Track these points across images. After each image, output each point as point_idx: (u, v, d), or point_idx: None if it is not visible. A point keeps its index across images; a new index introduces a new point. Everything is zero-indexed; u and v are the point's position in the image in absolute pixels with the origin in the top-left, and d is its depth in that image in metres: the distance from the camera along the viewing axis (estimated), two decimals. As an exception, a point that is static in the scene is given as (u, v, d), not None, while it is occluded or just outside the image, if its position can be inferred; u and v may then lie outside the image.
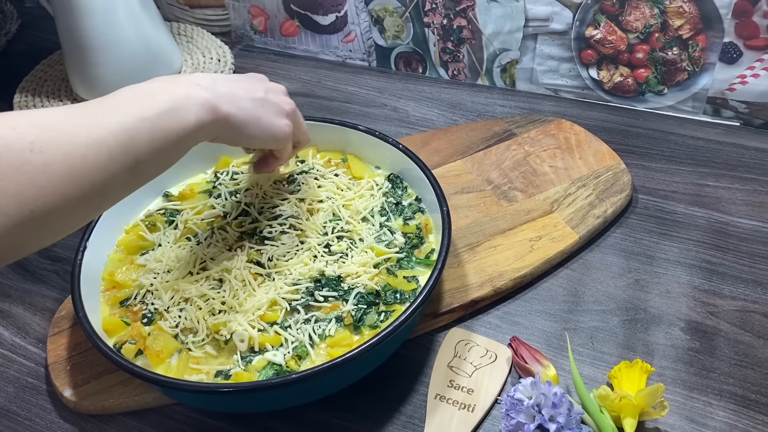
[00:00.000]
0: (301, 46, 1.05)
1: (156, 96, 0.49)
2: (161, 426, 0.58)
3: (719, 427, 0.54)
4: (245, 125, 0.55)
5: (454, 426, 0.55)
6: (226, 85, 0.55)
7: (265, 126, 0.58)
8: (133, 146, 0.46)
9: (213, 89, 0.52)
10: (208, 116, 0.51)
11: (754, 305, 0.63)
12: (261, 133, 0.58)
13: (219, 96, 0.52)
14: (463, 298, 0.63)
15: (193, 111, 0.50)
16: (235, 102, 0.54)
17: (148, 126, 0.47)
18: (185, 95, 0.50)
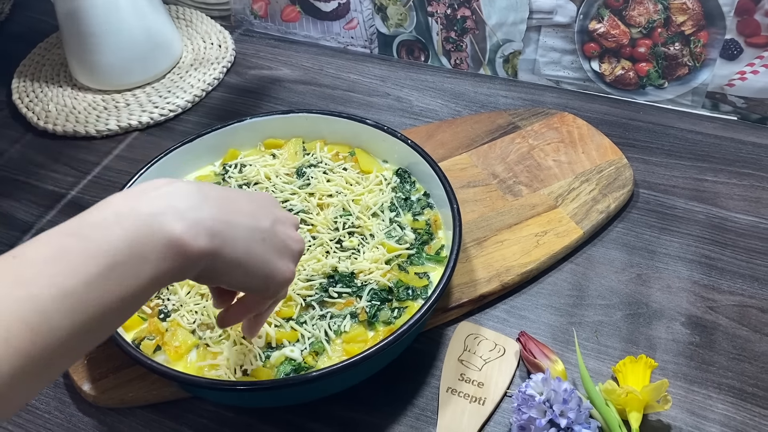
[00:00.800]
0: (302, 32, 1.04)
1: (89, 246, 0.35)
2: (180, 419, 0.59)
3: (718, 420, 0.57)
4: (231, 264, 0.41)
5: (466, 419, 0.57)
6: (218, 204, 0.40)
7: (259, 266, 0.43)
8: (45, 336, 0.32)
9: (192, 212, 0.38)
10: (173, 262, 0.37)
11: (751, 300, 0.65)
12: (251, 275, 0.43)
13: (198, 224, 0.38)
14: (472, 293, 0.65)
15: (151, 261, 0.36)
16: (224, 230, 0.40)
17: (70, 304, 0.33)
18: (141, 234, 0.36)
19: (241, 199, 0.44)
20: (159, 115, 0.90)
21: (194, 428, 0.59)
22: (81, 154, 0.87)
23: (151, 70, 0.94)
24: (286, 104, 0.92)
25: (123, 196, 0.38)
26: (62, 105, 0.92)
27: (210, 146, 0.74)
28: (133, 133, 0.89)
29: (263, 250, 0.43)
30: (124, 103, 0.92)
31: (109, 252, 0.35)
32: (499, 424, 0.57)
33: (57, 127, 0.88)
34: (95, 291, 0.34)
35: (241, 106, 0.93)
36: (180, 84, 0.94)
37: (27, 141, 0.89)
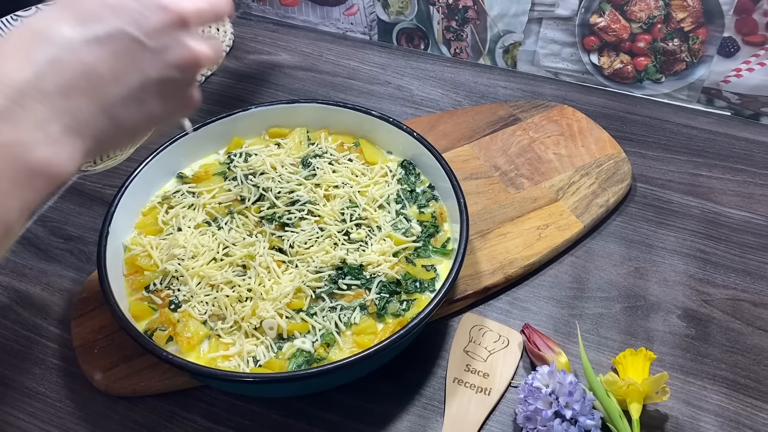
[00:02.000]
0: (301, 17, 1.04)
1: None
2: (191, 408, 0.60)
3: (713, 410, 0.59)
4: (108, 147, 0.36)
5: (473, 408, 0.59)
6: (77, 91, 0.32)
7: (147, 126, 0.37)
8: None
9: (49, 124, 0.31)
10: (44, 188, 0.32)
11: (744, 294, 0.68)
12: (136, 137, 0.37)
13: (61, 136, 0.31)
14: (477, 285, 0.67)
15: (16, 197, 0.31)
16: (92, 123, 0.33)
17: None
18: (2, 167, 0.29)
19: (99, 60, 0.33)
20: (158, 100, 0.89)
21: (205, 417, 0.60)
22: (80, 139, 0.86)
23: (150, 54, 0.93)
24: (286, 91, 0.92)
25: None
26: (59, 88, 0.91)
27: (214, 135, 0.74)
28: (133, 118, 0.89)
29: (144, 111, 0.36)
30: (123, 86, 0.91)
31: None
32: (504, 414, 0.59)
33: (54, 111, 0.87)
34: None
35: (242, 92, 0.92)
36: (179, 68, 0.94)
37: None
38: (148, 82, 0.35)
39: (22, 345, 0.65)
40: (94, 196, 0.79)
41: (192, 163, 0.74)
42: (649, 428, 0.58)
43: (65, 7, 0.34)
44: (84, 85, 0.33)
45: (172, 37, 0.35)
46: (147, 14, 0.34)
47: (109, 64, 0.34)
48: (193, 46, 0.36)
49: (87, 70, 0.33)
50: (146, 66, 0.35)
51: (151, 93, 0.36)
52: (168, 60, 0.35)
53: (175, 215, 0.68)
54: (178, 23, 0.35)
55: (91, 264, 0.71)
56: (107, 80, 0.34)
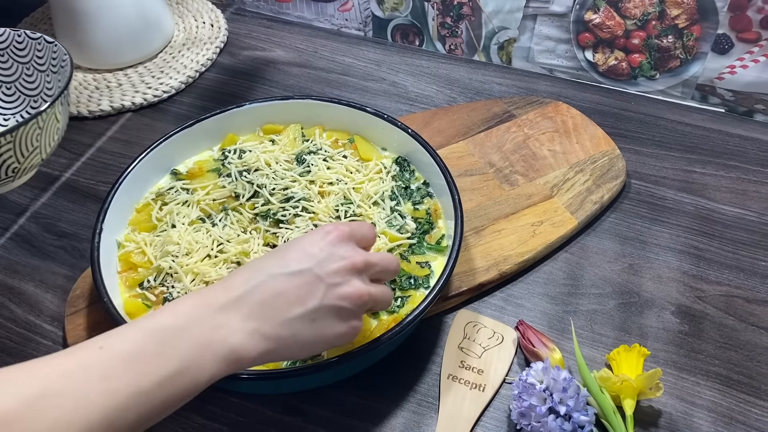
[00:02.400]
0: (295, 12, 1.03)
1: (163, 351, 0.41)
2: (185, 405, 0.60)
3: (706, 406, 0.60)
4: (279, 356, 0.47)
5: (467, 405, 0.59)
6: (269, 306, 0.45)
7: (309, 347, 0.48)
8: (123, 421, 0.39)
9: (247, 322, 0.44)
10: (228, 367, 0.44)
11: (737, 290, 0.68)
12: (301, 356, 0.49)
13: (253, 334, 0.44)
14: (471, 281, 0.67)
15: (209, 368, 0.42)
16: (274, 332, 0.45)
17: (141, 401, 0.39)
18: (203, 345, 0.42)
19: (291, 287, 0.47)
20: (152, 96, 0.89)
21: (200, 414, 0.60)
22: (73, 135, 0.86)
23: (143, 50, 0.93)
24: (281, 87, 0.92)
25: (191, 304, 0.44)
26: (52, 83, 0.90)
27: (209, 131, 0.74)
28: (126, 114, 0.88)
29: (315, 329, 0.47)
30: (116, 83, 0.91)
31: (178, 358, 0.41)
32: (499, 410, 0.59)
33: (48, 107, 0.87)
34: (161, 391, 0.40)
35: (236, 88, 0.92)
36: (173, 64, 0.93)
37: (16, 120, 0.88)
38: (321, 306, 0.47)
39: (16, 342, 0.65)
40: (87, 192, 0.78)
41: (186, 160, 0.74)
42: (643, 424, 0.58)
43: (278, 253, 0.49)
44: (275, 302, 0.46)
45: (345, 278, 0.48)
46: (330, 260, 0.48)
47: (295, 291, 0.46)
48: (359, 285, 0.49)
49: (280, 293, 0.46)
50: (321, 295, 0.47)
51: (323, 315, 0.47)
52: (338, 293, 0.48)
53: (169, 212, 0.68)
54: (351, 269, 0.48)
55: (84, 261, 0.71)
56: (292, 301, 0.46)
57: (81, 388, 0.38)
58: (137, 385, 0.39)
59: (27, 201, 0.78)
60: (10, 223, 0.75)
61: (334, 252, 0.48)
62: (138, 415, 0.39)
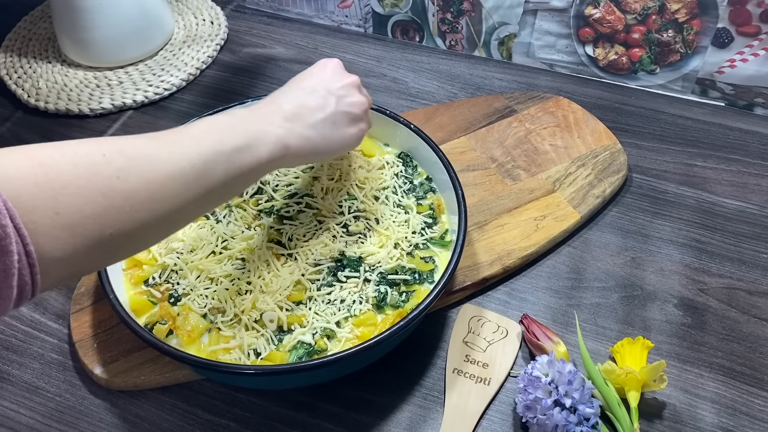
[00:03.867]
0: (295, 9, 1.03)
1: (233, 130, 0.51)
2: (192, 400, 0.61)
3: (710, 397, 0.60)
4: (315, 151, 0.58)
5: (473, 398, 0.59)
6: (296, 113, 0.56)
7: (335, 143, 0.59)
8: (207, 178, 0.48)
9: (284, 122, 0.55)
10: (279, 152, 0.54)
11: (739, 283, 0.68)
12: (331, 151, 0.60)
13: (290, 131, 0.55)
14: (475, 276, 0.67)
15: (266, 148, 0.52)
16: (306, 131, 0.56)
17: (223, 159, 0.49)
18: (259, 131, 0.53)
19: (309, 99, 0.58)
20: (153, 94, 0.89)
21: (206, 409, 0.60)
22: (74, 133, 0.86)
23: (144, 47, 0.93)
24: (281, 84, 0.90)
25: (244, 110, 0.55)
26: (53, 82, 0.90)
27: (211, 128, 0.74)
28: (128, 112, 0.89)
29: (336, 129, 0.59)
30: (117, 80, 0.91)
31: (246, 134, 0.51)
32: (504, 404, 0.60)
33: (49, 105, 0.87)
34: (237, 157, 0.50)
35: (237, 85, 0.92)
36: (173, 62, 0.93)
37: (17, 119, 0.88)
38: (337, 112, 0.59)
39: (21, 340, 0.65)
40: (90, 190, 0.78)
41: (189, 157, 0.74)
42: (648, 416, 0.59)
43: (293, 82, 0.62)
44: (302, 111, 0.57)
45: (349, 91, 0.61)
46: (334, 80, 0.61)
47: (315, 102, 0.58)
48: (360, 96, 0.62)
49: (303, 104, 0.58)
50: (335, 104, 0.59)
51: (339, 119, 0.59)
52: (347, 101, 0.60)
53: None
54: (351, 84, 0.62)
55: (88, 258, 0.71)
56: (314, 109, 0.58)
57: (176, 140, 0.47)
58: (219, 147, 0.48)
59: (30, 199, 0.77)
60: (13, 222, 0.75)
61: (335, 75, 0.61)
62: (223, 172, 0.49)
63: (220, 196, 0.50)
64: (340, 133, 0.60)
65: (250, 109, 0.56)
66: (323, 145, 0.58)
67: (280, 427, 0.59)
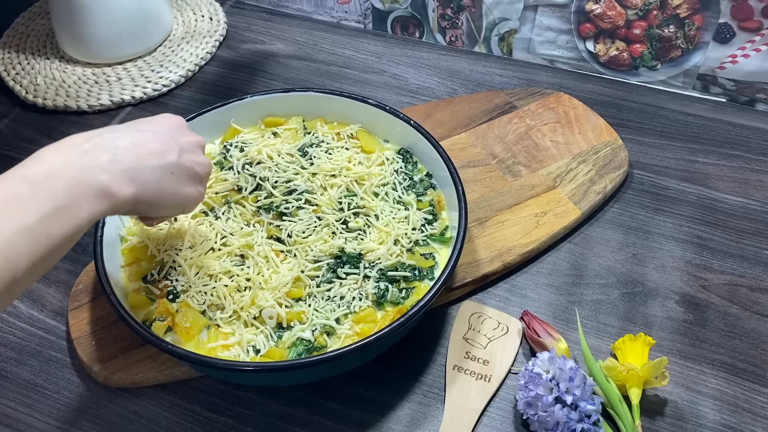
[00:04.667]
0: (295, 5, 1.03)
1: (38, 192, 0.42)
2: (191, 398, 0.60)
3: (712, 394, 0.60)
4: (150, 202, 0.50)
5: (473, 395, 0.59)
6: (131, 152, 0.48)
7: (169, 199, 0.52)
8: (10, 262, 0.40)
9: (113, 164, 0.46)
10: (102, 206, 0.46)
11: (740, 279, 0.68)
12: (163, 207, 0.52)
13: (119, 174, 0.47)
14: (475, 272, 0.67)
15: (86, 206, 0.44)
16: (139, 176, 0.48)
17: (28, 237, 0.41)
18: (76, 184, 0.44)
19: (149, 141, 0.51)
20: (152, 90, 0.88)
21: (205, 407, 0.60)
22: (73, 130, 0.84)
23: (143, 44, 0.92)
24: (281, 80, 0.92)
25: (55, 151, 0.46)
26: (51, 78, 0.90)
27: (210, 124, 0.74)
28: (126, 108, 0.88)
29: (174, 183, 0.52)
30: (116, 77, 0.90)
31: (54, 197, 0.43)
32: (505, 401, 0.59)
33: (47, 102, 0.87)
34: (46, 227, 0.42)
35: (236, 82, 0.92)
36: (172, 58, 0.93)
37: (15, 115, 0.87)
38: (179, 163, 0.52)
39: (19, 337, 0.64)
40: (88, 187, 0.78)
41: (188, 153, 0.74)
42: (649, 412, 0.58)
43: (129, 125, 0.53)
44: (138, 150, 0.49)
45: (193, 149, 0.55)
46: (180, 134, 0.55)
47: (154, 144, 0.51)
48: (205, 157, 0.57)
49: (142, 143, 0.50)
50: (177, 155, 0.52)
51: (179, 172, 0.52)
52: (191, 158, 0.54)
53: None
54: (197, 143, 0.56)
55: (86, 255, 0.71)
56: (152, 152, 0.50)
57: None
58: (20, 223, 0.41)
59: (28, 196, 0.77)
60: (11, 219, 0.75)
61: (180, 130, 0.55)
62: (30, 251, 0.41)
63: (28, 276, 0.42)
64: (178, 189, 0.52)
65: (66, 145, 0.46)
66: (156, 198, 0.50)
67: (279, 424, 0.58)
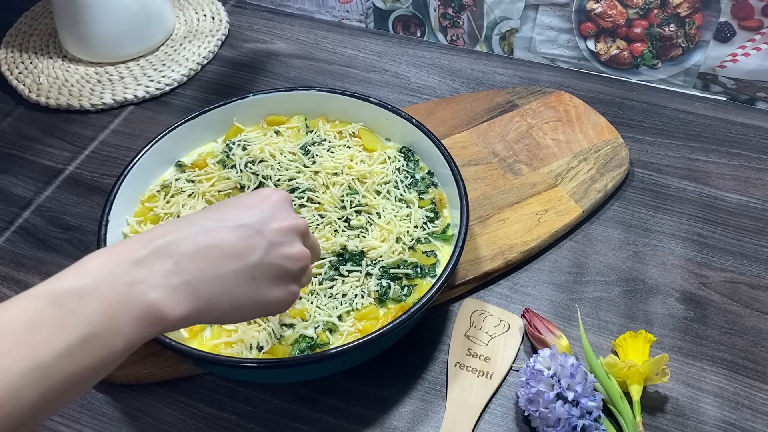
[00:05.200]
0: (296, 5, 1.03)
1: (65, 319, 0.34)
2: (194, 395, 0.61)
3: (712, 391, 0.60)
4: (218, 317, 0.42)
5: (475, 392, 0.59)
6: (199, 258, 0.39)
7: (245, 311, 0.43)
8: (12, 407, 0.32)
9: (170, 277, 0.38)
10: (149, 331, 0.37)
11: (741, 276, 0.68)
12: (241, 316, 0.44)
13: (177, 290, 0.38)
14: (477, 270, 0.67)
15: (125, 331, 0.36)
16: (204, 289, 0.39)
17: (39, 375, 0.33)
18: (116, 305, 0.36)
19: (228, 240, 0.41)
20: (155, 89, 0.89)
21: (208, 403, 0.60)
22: (76, 128, 0.86)
23: (145, 42, 0.93)
24: (283, 79, 0.92)
25: (103, 259, 0.38)
26: (54, 77, 0.90)
27: (213, 123, 0.74)
28: (129, 107, 0.88)
29: (252, 289, 0.42)
30: (118, 76, 0.91)
31: (83, 324, 0.35)
32: (506, 397, 0.60)
33: (50, 100, 0.87)
34: (66, 362, 0.34)
35: (238, 81, 0.92)
36: (174, 57, 0.93)
37: (19, 114, 0.88)
38: (262, 263, 0.42)
39: (23, 334, 0.65)
40: (91, 185, 0.78)
41: (190, 152, 0.74)
42: (650, 409, 0.59)
43: (213, 208, 0.44)
44: (209, 254, 0.40)
45: (287, 238, 0.44)
46: (273, 219, 0.44)
47: (234, 243, 0.41)
48: (302, 247, 0.46)
49: (215, 244, 0.41)
50: (263, 252, 0.43)
51: (263, 274, 0.43)
52: (281, 252, 0.44)
53: (174, 203, 0.68)
54: (294, 229, 0.45)
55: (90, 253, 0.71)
56: (228, 254, 0.41)
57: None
58: (34, 360, 0.32)
59: (31, 194, 0.78)
60: (14, 217, 0.75)
61: (276, 213, 0.45)
62: (39, 393, 0.33)
63: (39, 416, 0.33)
64: (258, 295, 0.43)
65: (117, 252, 0.38)
66: (225, 310, 0.41)
67: (282, 420, 0.59)
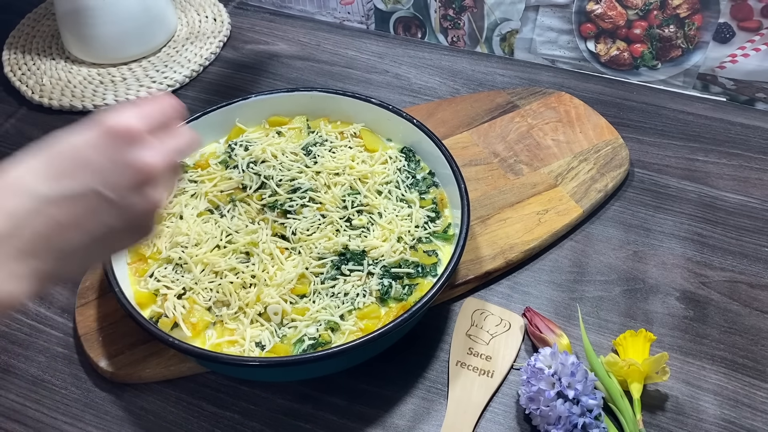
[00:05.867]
0: (298, 6, 1.04)
1: None
2: (197, 393, 0.61)
3: (712, 389, 0.60)
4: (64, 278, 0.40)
5: (476, 391, 0.60)
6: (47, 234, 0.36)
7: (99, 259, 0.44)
8: None
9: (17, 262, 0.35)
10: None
11: (741, 276, 0.68)
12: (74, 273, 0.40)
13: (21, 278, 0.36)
14: (478, 269, 0.67)
15: None
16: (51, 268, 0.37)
17: None
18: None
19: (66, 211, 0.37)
20: (157, 90, 0.89)
21: (211, 402, 0.60)
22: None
23: (147, 44, 0.93)
24: (284, 80, 0.93)
25: None
26: (56, 78, 0.91)
27: (215, 123, 0.74)
28: (131, 108, 0.89)
29: (102, 249, 0.40)
30: (121, 77, 0.91)
31: None
32: (507, 396, 0.60)
33: (53, 102, 0.87)
34: None
35: (240, 82, 0.92)
36: (176, 58, 0.94)
37: (22, 115, 0.88)
38: (112, 230, 0.39)
39: (27, 334, 0.65)
40: (94, 186, 0.79)
41: (193, 152, 0.75)
42: (650, 408, 0.59)
43: (42, 161, 0.37)
44: (53, 235, 0.36)
45: (140, 194, 0.39)
46: (117, 173, 0.37)
47: (77, 219, 0.37)
48: (157, 198, 0.39)
49: (57, 224, 0.36)
50: (113, 220, 0.38)
51: (114, 237, 0.39)
52: (134, 213, 0.39)
53: (177, 203, 0.68)
54: (145, 180, 0.38)
55: (93, 253, 0.71)
56: (73, 232, 0.37)
57: None
58: None
59: (34, 195, 0.78)
60: (18, 217, 0.75)
61: (119, 158, 0.37)
62: None
63: None
64: (108, 249, 0.42)
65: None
66: (72, 272, 0.40)
67: (284, 419, 0.59)
